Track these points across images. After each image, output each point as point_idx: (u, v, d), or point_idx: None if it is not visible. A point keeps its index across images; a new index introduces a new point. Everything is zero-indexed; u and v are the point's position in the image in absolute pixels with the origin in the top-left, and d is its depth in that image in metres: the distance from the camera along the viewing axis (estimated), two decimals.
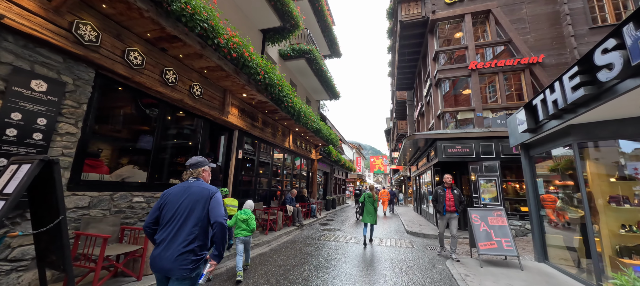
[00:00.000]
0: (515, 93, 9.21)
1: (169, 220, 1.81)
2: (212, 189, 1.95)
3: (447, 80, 10.16)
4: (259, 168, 8.14)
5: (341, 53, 14.26)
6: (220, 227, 1.80)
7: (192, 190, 1.90)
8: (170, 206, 1.85)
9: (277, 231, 7.51)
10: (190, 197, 1.87)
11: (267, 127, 8.26)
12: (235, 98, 6.56)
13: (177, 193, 1.90)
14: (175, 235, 1.76)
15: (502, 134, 8.14)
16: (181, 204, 1.84)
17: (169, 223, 1.80)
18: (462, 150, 8.50)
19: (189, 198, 1.86)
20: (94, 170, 3.82)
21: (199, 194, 1.88)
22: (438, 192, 5.60)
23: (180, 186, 1.95)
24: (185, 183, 1.97)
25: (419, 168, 13.41)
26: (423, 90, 12.82)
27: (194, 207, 1.83)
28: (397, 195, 22.66)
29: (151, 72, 4.30)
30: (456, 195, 5.46)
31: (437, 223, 8.97)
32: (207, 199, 1.88)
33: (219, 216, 1.82)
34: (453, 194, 5.46)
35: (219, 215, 1.83)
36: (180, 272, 1.69)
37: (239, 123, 6.79)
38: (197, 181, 2.00)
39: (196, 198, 1.86)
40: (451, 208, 5.39)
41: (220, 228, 1.80)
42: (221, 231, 1.80)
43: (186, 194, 1.88)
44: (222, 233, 1.80)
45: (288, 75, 10.58)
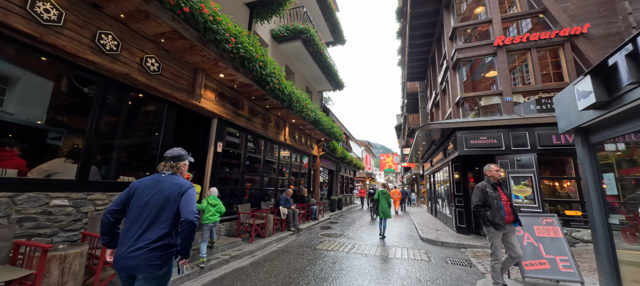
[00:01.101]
0: (553, 73, 7.66)
1: (136, 215, 1.72)
2: (184, 184, 1.86)
3: (467, 61, 8.70)
4: (246, 165, 7.04)
5: (345, 39, 12.97)
6: (189, 225, 1.71)
7: (164, 185, 1.81)
8: (138, 199, 1.76)
9: (266, 238, 6.38)
10: (160, 192, 1.78)
11: (256, 117, 7.14)
12: (211, 80, 5.46)
13: (147, 186, 1.81)
14: (143, 231, 1.68)
15: (538, 121, 6.67)
16: (151, 199, 1.76)
17: (136, 218, 1.72)
18: (488, 142, 7.08)
19: (160, 194, 1.77)
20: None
21: (170, 190, 1.80)
22: (488, 192, 3.52)
23: (152, 178, 1.86)
24: (157, 175, 1.88)
25: (434, 164, 11.96)
26: (438, 77, 11.36)
27: (165, 203, 1.76)
28: (409, 194, 21.15)
29: (76, 34, 3.24)
30: (508, 196, 3.71)
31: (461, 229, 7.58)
32: (178, 195, 1.80)
33: (189, 214, 1.73)
34: (506, 195, 3.65)
35: (190, 212, 1.73)
36: (148, 269, 1.63)
37: (218, 110, 5.70)
38: (171, 175, 1.90)
39: (167, 194, 1.78)
40: (510, 218, 3.52)
41: (189, 226, 1.71)
42: (190, 229, 1.71)
43: (157, 188, 1.80)
44: (191, 230, 1.72)
45: (283, 62, 9.43)
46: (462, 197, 7.94)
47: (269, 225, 6.60)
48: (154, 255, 1.64)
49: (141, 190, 1.79)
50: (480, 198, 3.53)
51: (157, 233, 1.68)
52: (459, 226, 7.82)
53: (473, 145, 7.19)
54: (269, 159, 8.50)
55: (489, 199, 3.48)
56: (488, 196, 3.50)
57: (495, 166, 3.78)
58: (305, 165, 11.55)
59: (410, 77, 16.10)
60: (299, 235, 7.52)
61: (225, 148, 6.44)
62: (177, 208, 1.76)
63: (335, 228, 8.92)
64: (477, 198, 3.54)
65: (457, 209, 7.94)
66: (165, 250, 1.69)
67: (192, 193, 1.84)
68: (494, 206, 3.44)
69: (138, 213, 1.72)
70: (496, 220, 3.38)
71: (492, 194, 3.51)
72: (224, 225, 6.06)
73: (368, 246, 6.46)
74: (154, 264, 1.63)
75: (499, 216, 3.40)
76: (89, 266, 2.98)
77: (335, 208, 14.18)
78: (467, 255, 5.84)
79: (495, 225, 3.39)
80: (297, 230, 7.76)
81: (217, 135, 5.87)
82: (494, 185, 3.64)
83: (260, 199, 7.63)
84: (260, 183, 7.76)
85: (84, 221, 3.40)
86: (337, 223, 10.33)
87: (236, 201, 6.62)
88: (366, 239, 7.28)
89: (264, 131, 7.57)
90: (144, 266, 1.61)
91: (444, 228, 8.76)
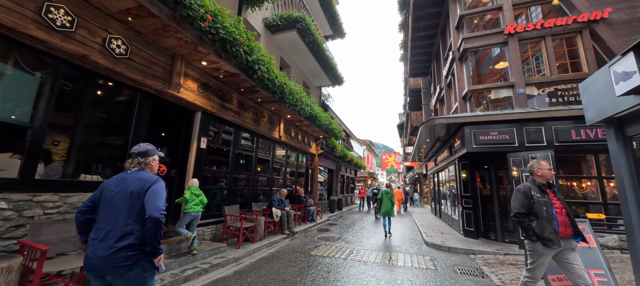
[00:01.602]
0: (570, 63, 7.03)
1: (103, 215, 1.66)
2: (150, 179, 1.75)
3: (474, 52, 8.09)
4: (235, 163, 6.50)
5: (345, 32, 12.40)
6: (153, 223, 1.60)
7: (129, 182, 1.72)
8: (105, 198, 1.70)
9: (256, 242, 5.84)
10: (125, 189, 1.70)
11: (246, 111, 6.60)
12: (192, 68, 4.94)
13: (113, 185, 1.73)
14: (108, 231, 1.61)
15: (556, 115, 6.06)
16: (115, 197, 1.68)
17: (103, 218, 1.66)
18: (499, 138, 6.48)
19: (124, 191, 1.69)
20: None
21: (134, 186, 1.70)
22: (534, 196, 2.68)
23: (118, 176, 1.78)
24: (124, 173, 1.80)
25: (438, 163, 11.36)
26: (442, 71, 10.75)
27: (129, 200, 1.67)
28: (412, 195, 20.54)
29: (16, 5, 2.72)
30: (563, 201, 2.79)
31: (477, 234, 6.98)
32: (142, 191, 1.69)
33: (154, 210, 1.62)
34: (559, 199, 2.76)
35: (154, 209, 1.63)
36: (116, 271, 1.55)
37: (201, 102, 5.17)
38: (138, 171, 1.80)
39: (131, 190, 1.68)
40: (567, 231, 2.62)
41: (153, 224, 1.60)
42: (155, 226, 1.61)
43: (121, 186, 1.71)
44: (155, 228, 1.61)
45: (278, 54, 8.88)
46: (470, 198, 7.34)
47: (259, 229, 6.06)
48: (120, 255, 1.56)
49: (108, 190, 1.72)
50: (523, 205, 2.68)
51: (123, 232, 1.60)
52: (467, 229, 7.23)
53: (482, 141, 6.59)
54: (263, 157, 7.97)
55: (536, 205, 2.64)
56: (534, 201, 2.66)
57: (547, 163, 2.89)
58: (301, 162, 11.01)
59: (413, 73, 15.48)
60: (293, 239, 6.98)
61: (212, 144, 5.92)
62: (142, 204, 1.67)
63: (333, 231, 8.37)
64: (519, 204, 2.71)
65: (464, 211, 7.35)
66: (133, 250, 1.60)
67: (157, 188, 1.72)
68: (542, 215, 2.60)
69: (105, 213, 1.66)
70: (546, 233, 2.53)
71: (540, 199, 2.66)
72: (209, 229, 5.53)
73: (367, 251, 5.90)
74: (121, 265, 1.55)
75: (550, 228, 2.55)
76: (24, 283, 2.45)
77: (334, 208, 13.63)
78: (478, 262, 5.26)
79: (545, 241, 2.53)
80: (292, 233, 7.22)
81: (201, 129, 5.34)
82: (541, 187, 2.76)
83: (252, 200, 7.09)
84: (252, 183, 7.23)
85: (28, 227, 2.88)
86: (335, 225, 9.77)
87: (224, 202, 6.09)
88: (366, 243, 6.71)
89: (256, 127, 7.03)
90: (111, 267, 1.54)
91: (449, 232, 8.17)
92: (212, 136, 5.93)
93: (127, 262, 1.57)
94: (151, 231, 1.61)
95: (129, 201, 1.66)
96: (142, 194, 1.68)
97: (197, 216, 4.54)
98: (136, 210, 1.66)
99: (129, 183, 1.71)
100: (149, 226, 1.61)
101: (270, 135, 7.83)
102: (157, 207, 1.64)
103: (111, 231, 1.60)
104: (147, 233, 1.61)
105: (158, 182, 1.76)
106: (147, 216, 1.61)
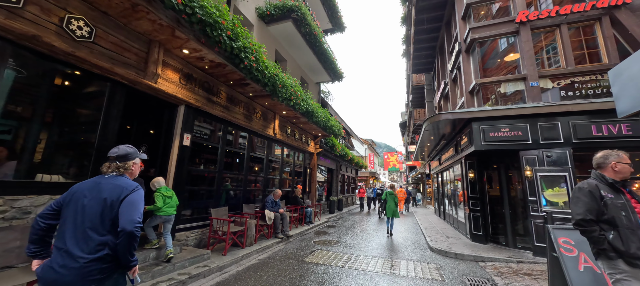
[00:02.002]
0: (587, 53, 6.47)
1: (71, 223, 1.48)
2: (128, 187, 1.60)
3: (483, 42, 7.55)
4: (224, 162, 6.04)
5: (345, 26, 11.88)
6: (126, 237, 1.46)
7: (104, 188, 1.55)
8: (74, 204, 1.52)
9: (246, 248, 5.38)
10: (98, 195, 1.53)
11: (236, 106, 6.14)
12: (172, 56, 4.48)
13: (86, 190, 1.56)
14: (79, 240, 1.44)
15: (575, 109, 5.52)
16: (88, 203, 1.51)
17: (71, 226, 1.48)
18: (511, 134, 5.95)
19: (98, 198, 1.52)
20: None
21: (110, 193, 1.54)
22: (605, 198, 2.02)
23: (93, 181, 1.61)
24: (100, 178, 1.62)
25: (442, 162, 10.83)
26: (447, 65, 10.21)
27: (103, 209, 1.51)
28: (415, 195, 20.00)
29: None
30: None
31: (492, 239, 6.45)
32: (118, 199, 1.54)
33: (128, 223, 1.47)
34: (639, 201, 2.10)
35: (128, 221, 1.48)
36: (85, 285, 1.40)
37: (184, 95, 4.72)
38: (116, 177, 1.64)
39: (106, 197, 1.53)
40: None
41: (126, 238, 1.46)
42: (127, 241, 1.46)
43: (95, 192, 1.55)
44: (128, 243, 1.47)
45: (273, 47, 8.40)
46: (478, 200, 6.82)
47: (249, 233, 5.60)
48: (93, 267, 1.42)
49: (79, 195, 1.55)
50: (590, 209, 2.00)
51: (94, 243, 1.45)
52: (474, 233, 6.71)
53: (492, 138, 6.07)
54: (256, 155, 7.51)
55: (610, 210, 1.96)
56: (607, 204, 1.98)
57: (625, 155, 2.15)
58: (301, 162, 10.54)
59: (416, 69, 14.92)
60: (287, 243, 6.51)
61: (198, 141, 5.46)
62: (116, 214, 1.52)
63: (331, 234, 7.89)
64: (584, 208, 2.02)
65: (472, 214, 6.83)
66: (106, 262, 1.47)
67: (134, 198, 1.57)
68: (622, 222, 1.91)
69: (72, 221, 1.49)
70: (632, 249, 1.84)
71: (615, 201, 1.99)
72: (194, 234, 5.08)
73: (367, 258, 5.42)
74: (93, 279, 1.42)
75: (635, 242, 1.85)
76: None
77: (334, 209, 13.14)
78: (489, 272, 4.75)
79: (632, 259, 1.84)
80: (286, 237, 6.75)
81: (184, 125, 4.88)
82: (614, 185, 2.07)
83: (244, 201, 6.63)
84: (244, 183, 6.77)
85: None
86: (334, 227, 9.29)
87: (212, 203, 5.64)
88: (366, 248, 6.23)
89: (248, 123, 6.57)
90: (80, 281, 1.40)
91: (455, 235, 7.65)
92: (197, 132, 5.48)
93: (99, 275, 1.45)
94: (124, 245, 1.47)
95: (103, 209, 1.51)
96: (118, 203, 1.53)
97: (170, 219, 4.11)
98: (110, 220, 1.52)
99: (104, 190, 1.55)
100: (121, 239, 1.47)
101: (264, 133, 7.37)
102: (132, 219, 1.49)
103: (83, 241, 1.45)
104: (119, 247, 1.48)
105: (136, 191, 1.60)
106: (120, 229, 1.47)
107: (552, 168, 5.51)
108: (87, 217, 1.49)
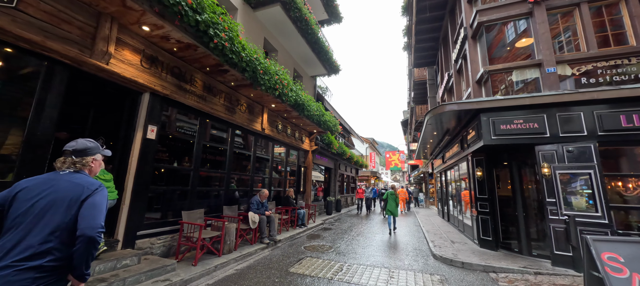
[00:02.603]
0: (611, 35, 5.73)
1: (13, 223, 1.28)
2: (91, 186, 1.42)
3: (491, 26, 6.82)
4: (201, 159, 5.40)
5: (341, 16, 11.19)
6: (86, 243, 1.27)
7: (60, 186, 1.38)
8: (21, 203, 1.31)
9: (223, 256, 4.73)
10: (53, 194, 1.34)
11: (215, 96, 5.50)
12: (131, 35, 3.84)
13: (37, 186, 1.36)
14: (16, 244, 1.23)
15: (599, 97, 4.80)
16: (38, 203, 1.31)
17: (13, 227, 1.27)
18: (525, 126, 5.24)
19: (52, 196, 1.33)
20: None
21: (67, 192, 1.36)
22: None
23: (45, 177, 1.42)
24: (54, 173, 1.45)
25: (446, 160, 10.11)
26: (451, 56, 9.49)
27: (56, 209, 1.31)
28: (417, 195, 19.26)
29: None
30: None
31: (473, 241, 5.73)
32: (78, 200, 1.35)
33: (88, 228, 1.29)
34: None
35: (89, 227, 1.29)
36: None
37: (148, 80, 4.08)
38: (73, 173, 1.46)
39: (62, 196, 1.34)
40: None
41: (85, 245, 1.28)
42: (86, 248, 1.28)
43: (49, 189, 1.35)
44: (87, 250, 1.29)
45: (262, 35, 7.73)
46: (487, 201, 6.11)
47: (228, 238, 4.95)
48: (22, 277, 1.18)
49: (26, 192, 1.34)
50: None
51: (35, 247, 1.22)
52: (483, 238, 6.01)
53: (504, 131, 5.37)
54: (241, 152, 6.87)
55: None
56: None
57: None
58: (294, 161, 9.88)
59: (418, 62, 14.19)
60: (274, 249, 5.86)
61: (168, 134, 4.83)
62: (73, 216, 1.31)
63: (325, 238, 7.22)
64: None
65: (480, 216, 6.13)
66: (42, 272, 1.22)
67: (98, 199, 1.39)
68: None
69: (16, 221, 1.27)
70: None
71: None
72: (161, 241, 4.44)
73: (361, 267, 4.75)
74: None
75: None
76: None
77: (332, 210, 12.46)
78: (502, 285, 4.06)
79: None
80: (274, 242, 6.09)
81: (149, 115, 4.24)
82: None
83: (225, 203, 5.98)
84: (226, 183, 6.12)
85: None
86: (330, 229, 8.62)
87: (186, 205, 5.00)
88: (361, 255, 5.55)
89: (230, 115, 5.92)
90: None
91: (461, 240, 6.94)
92: (167, 124, 4.85)
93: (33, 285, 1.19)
94: (81, 252, 1.28)
95: (57, 210, 1.31)
96: (78, 204, 1.35)
97: (110, 204, 3.52)
98: (64, 223, 1.30)
99: (61, 188, 1.38)
100: (79, 246, 1.27)
101: (251, 127, 6.71)
102: (93, 224, 1.31)
103: (19, 245, 1.22)
104: (75, 255, 1.28)
105: (100, 191, 1.44)
106: (80, 233, 1.27)
107: (575, 165, 4.79)
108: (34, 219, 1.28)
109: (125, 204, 3.88)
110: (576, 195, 4.78)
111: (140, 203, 4.07)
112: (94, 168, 1.60)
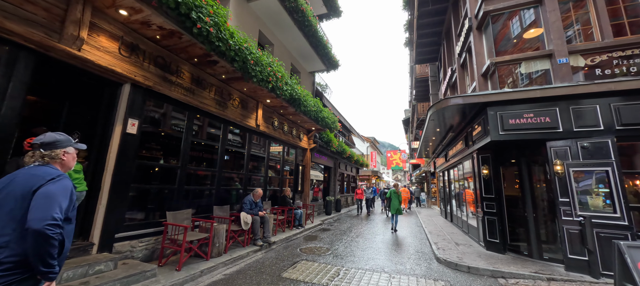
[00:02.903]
0: (628, 22, 5.36)
1: None
2: (46, 175, 1.33)
3: (497, 17, 6.46)
4: (189, 156, 5.08)
5: (341, 9, 10.85)
6: (34, 238, 1.18)
7: (17, 179, 1.32)
8: None
9: (211, 260, 4.41)
10: (9, 187, 1.29)
11: (205, 90, 5.18)
12: (107, 20, 3.53)
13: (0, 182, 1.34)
14: None
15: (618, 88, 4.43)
16: None
17: None
18: (536, 121, 4.89)
19: (8, 189, 1.29)
20: None
21: (22, 183, 1.30)
22: None
23: (9, 175, 1.37)
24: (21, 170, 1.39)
25: (449, 159, 9.75)
26: (454, 50, 9.13)
27: (10, 203, 1.26)
28: (418, 195, 18.88)
29: None
30: None
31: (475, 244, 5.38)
32: (30, 191, 1.27)
33: (34, 220, 1.18)
34: None
35: (35, 219, 1.19)
36: None
37: (127, 70, 3.77)
38: (37, 167, 1.39)
39: (16, 188, 1.28)
40: None
41: (33, 239, 1.18)
42: (36, 243, 1.18)
43: (7, 183, 1.31)
44: (37, 246, 1.18)
45: (257, 27, 7.40)
46: (494, 200, 5.76)
47: (217, 240, 4.63)
48: None
49: None
50: None
51: None
52: (489, 240, 5.66)
53: (513, 126, 5.01)
54: (235, 149, 6.55)
55: None
56: None
57: None
58: (292, 159, 9.55)
59: (420, 58, 13.81)
60: (267, 251, 5.54)
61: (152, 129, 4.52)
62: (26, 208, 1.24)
63: (323, 239, 6.89)
64: None
65: (486, 217, 5.78)
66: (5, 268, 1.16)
67: (51, 189, 1.27)
68: None
69: None
70: None
71: None
72: (144, 244, 4.12)
73: (360, 272, 4.42)
74: None
75: None
76: None
77: (331, 210, 12.13)
78: None
79: None
80: (268, 244, 5.77)
81: (130, 108, 3.93)
82: None
83: (216, 202, 5.67)
84: (217, 181, 5.80)
85: None
86: (328, 230, 8.29)
87: (173, 205, 4.69)
88: (360, 258, 5.22)
89: (221, 110, 5.60)
90: None
91: (466, 242, 6.59)
92: (151, 118, 4.54)
93: None
94: (33, 248, 1.18)
95: (11, 204, 1.25)
96: (30, 195, 1.25)
97: (80, 195, 3.22)
98: (18, 217, 1.23)
99: (17, 181, 1.30)
100: (29, 242, 1.18)
101: (244, 123, 6.39)
102: (41, 215, 1.19)
103: None
104: (28, 250, 1.19)
105: (57, 181, 1.31)
106: (26, 226, 1.18)
107: (590, 162, 4.43)
108: None
109: (101, 204, 3.57)
110: (592, 195, 4.43)
111: (120, 202, 3.75)
112: (66, 161, 1.51)
